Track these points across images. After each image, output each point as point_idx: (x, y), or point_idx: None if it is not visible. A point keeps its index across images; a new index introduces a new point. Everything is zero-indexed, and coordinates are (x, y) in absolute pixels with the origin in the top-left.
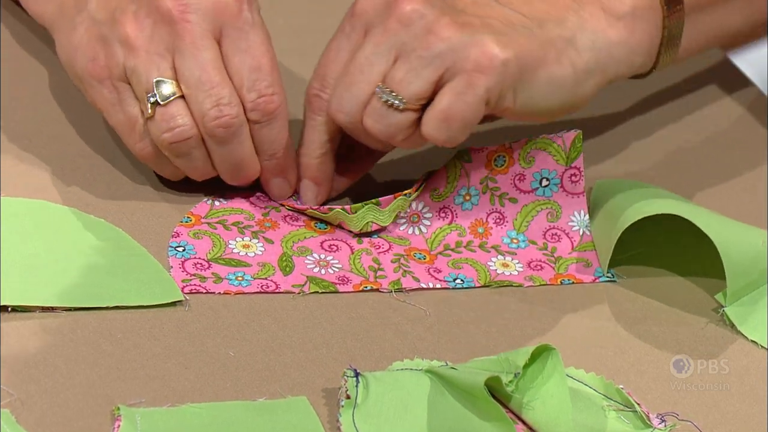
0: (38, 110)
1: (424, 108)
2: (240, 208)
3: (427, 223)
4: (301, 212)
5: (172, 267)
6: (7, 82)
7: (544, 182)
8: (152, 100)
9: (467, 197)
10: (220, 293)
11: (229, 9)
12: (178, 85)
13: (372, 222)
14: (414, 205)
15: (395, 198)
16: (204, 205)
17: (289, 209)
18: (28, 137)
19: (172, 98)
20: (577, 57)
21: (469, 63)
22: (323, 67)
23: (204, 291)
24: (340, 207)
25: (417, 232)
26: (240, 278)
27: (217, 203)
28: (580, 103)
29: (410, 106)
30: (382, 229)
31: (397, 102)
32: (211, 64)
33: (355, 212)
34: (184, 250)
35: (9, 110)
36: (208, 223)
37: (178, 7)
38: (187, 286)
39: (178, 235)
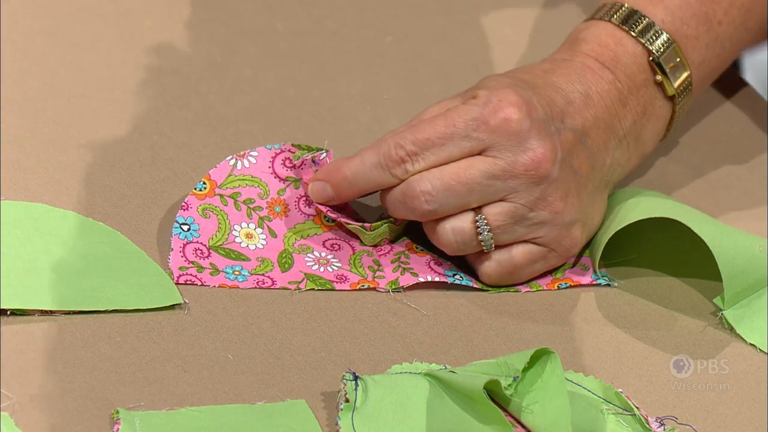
0: (38, 114)
1: None
2: (259, 178)
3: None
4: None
5: (172, 249)
6: (7, 85)
7: None
8: None
9: None
10: (215, 286)
11: None
12: None
13: (385, 237)
14: None
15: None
16: (225, 166)
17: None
18: (27, 141)
19: None
20: (607, 193)
21: (554, 243)
22: (422, 139)
23: (199, 283)
24: (360, 225)
25: (417, 248)
26: (237, 272)
27: (239, 165)
28: None
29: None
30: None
31: (487, 246)
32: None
33: (374, 230)
34: (189, 230)
35: (9, 113)
36: (221, 195)
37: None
38: (183, 275)
39: (188, 208)
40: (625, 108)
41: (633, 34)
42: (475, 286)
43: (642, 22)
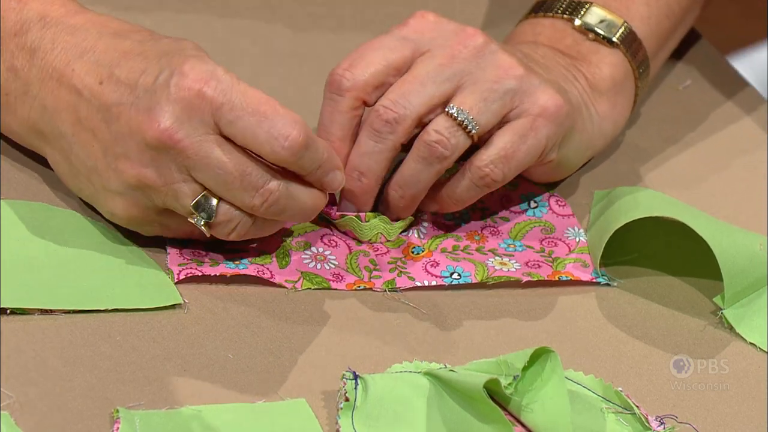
0: None
1: (466, 155)
2: None
3: (424, 230)
4: None
5: (169, 253)
6: None
7: (533, 204)
8: (201, 222)
9: (457, 214)
10: (216, 275)
11: (203, 101)
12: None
13: (381, 234)
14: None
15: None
16: None
17: None
18: None
19: (216, 207)
20: (587, 125)
21: (536, 107)
22: (355, 56)
23: (200, 274)
24: (354, 214)
25: (415, 234)
26: (237, 262)
27: None
28: (572, 171)
29: (477, 133)
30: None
31: (471, 125)
32: (224, 160)
33: (368, 221)
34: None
35: None
36: None
37: (165, 133)
38: (183, 270)
39: None
40: (554, 53)
41: (549, 15)
42: (474, 281)
43: (556, 4)
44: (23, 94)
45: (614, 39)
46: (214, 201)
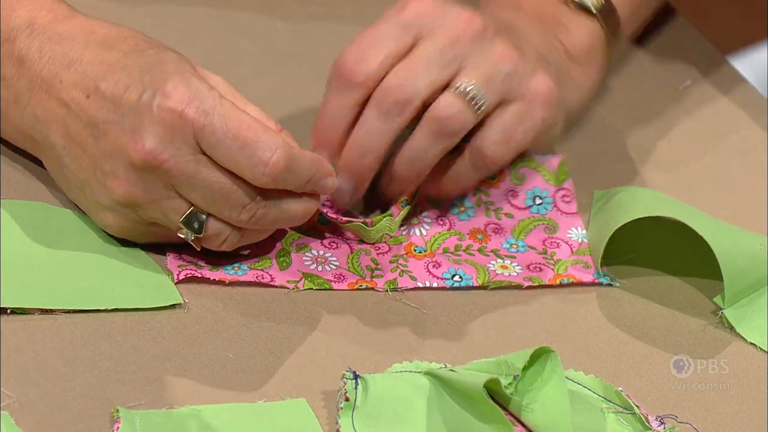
0: None
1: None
2: None
3: (427, 227)
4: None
5: (168, 255)
6: None
7: (537, 200)
8: (191, 237)
9: (462, 209)
10: (214, 279)
11: (185, 123)
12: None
13: (386, 233)
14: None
15: (400, 207)
16: None
17: None
18: None
19: (204, 222)
20: (566, 94)
21: (530, 91)
22: (362, 47)
23: (199, 276)
24: (361, 220)
25: (417, 233)
26: (236, 268)
27: None
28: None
29: (485, 110)
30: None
31: (480, 101)
32: (209, 180)
33: (375, 225)
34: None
35: None
36: None
37: (149, 155)
38: (182, 271)
39: None
40: (535, 21)
41: None
42: (475, 284)
43: None
44: (14, 103)
45: (592, 9)
46: (203, 216)
